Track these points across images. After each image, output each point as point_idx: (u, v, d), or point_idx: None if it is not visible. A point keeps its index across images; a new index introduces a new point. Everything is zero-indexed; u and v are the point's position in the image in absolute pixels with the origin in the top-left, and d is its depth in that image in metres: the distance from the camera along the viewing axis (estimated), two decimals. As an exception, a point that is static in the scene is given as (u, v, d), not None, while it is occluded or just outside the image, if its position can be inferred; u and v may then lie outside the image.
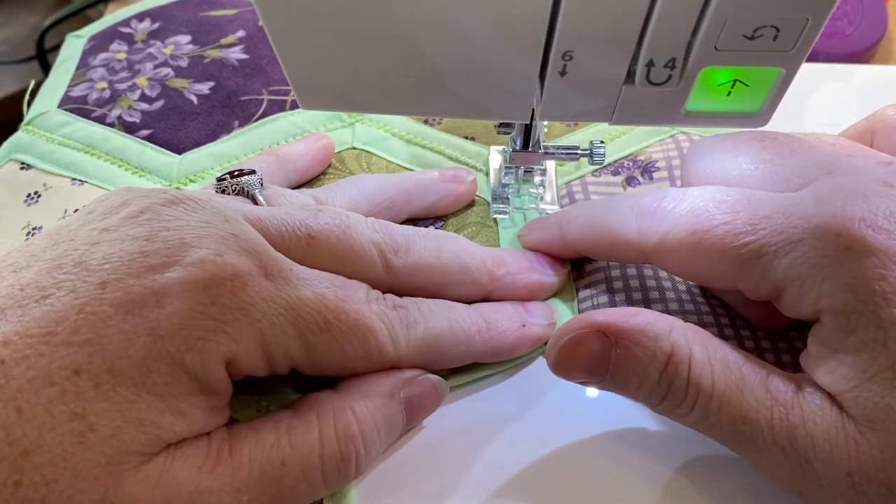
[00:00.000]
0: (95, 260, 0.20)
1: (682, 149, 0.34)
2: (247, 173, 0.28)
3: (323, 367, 0.23)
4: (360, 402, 0.23)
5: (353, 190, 0.30)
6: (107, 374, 0.19)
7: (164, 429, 0.19)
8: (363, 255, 0.25)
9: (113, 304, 0.19)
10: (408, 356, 0.24)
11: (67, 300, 0.19)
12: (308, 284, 0.23)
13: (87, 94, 0.39)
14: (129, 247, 0.20)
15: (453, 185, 0.32)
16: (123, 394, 0.19)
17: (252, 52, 0.41)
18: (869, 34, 0.42)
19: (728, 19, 0.20)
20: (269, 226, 0.23)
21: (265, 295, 0.21)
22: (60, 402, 0.18)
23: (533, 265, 0.29)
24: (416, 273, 0.26)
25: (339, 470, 0.22)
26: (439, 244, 0.27)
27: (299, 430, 0.22)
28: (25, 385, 0.18)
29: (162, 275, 0.20)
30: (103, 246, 0.20)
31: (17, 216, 0.34)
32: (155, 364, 0.19)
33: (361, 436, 0.23)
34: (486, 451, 0.25)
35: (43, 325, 0.19)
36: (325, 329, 0.22)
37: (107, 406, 0.19)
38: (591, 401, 0.27)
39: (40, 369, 0.18)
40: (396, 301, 0.25)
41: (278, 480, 0.21)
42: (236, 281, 0.21)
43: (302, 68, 0.23)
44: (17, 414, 0.18)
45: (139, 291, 0.20)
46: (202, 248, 0.21)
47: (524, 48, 0.21)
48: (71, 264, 0.20)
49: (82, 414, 0.18)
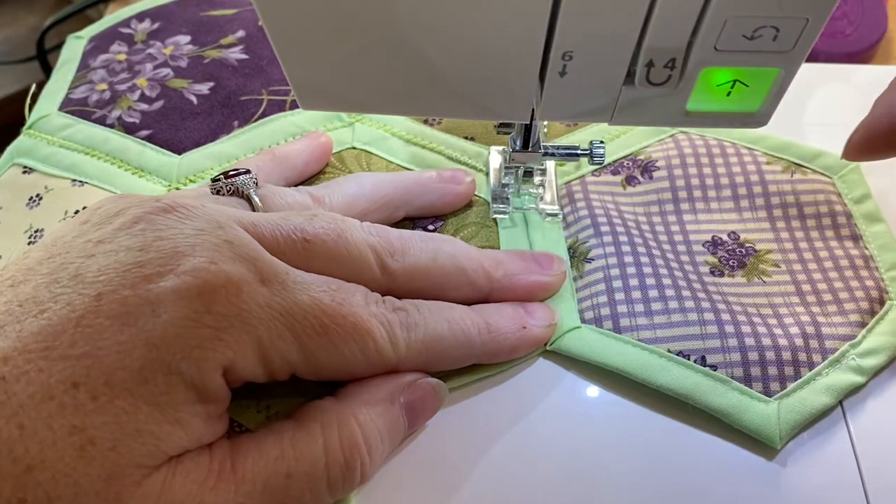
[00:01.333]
0: (91, 273, 0.20)
1: (682, 148, 0.34)
2: (242, 173, 0.27)
3: (322, 371, 0.23)
4: (363, 409, 0.23)
5: (351, 187, 0.30)
6: (104, 386, 0.19)
7: (163, 439, 0.19)
8: (359, 258, 0.25)
9: (109, 316, 0.19)
10: (408, 358, 0.24)
11: (64, 314, 0.19)
12: (304, 288, 0.22)
13: (88, 96, 0.39)
14: (124, 257, 0.20)
15: (451, 185, 0.32)
16: (121, 405, 0.19)
17: (252, 53, 0.41)
18: (869, 34, 0.42)
19: (728, 19, 0.20)
20: (263, 231, 0.23)
21: (261, 301, 0.21)
22: (60, 417, 0.18)
23: (530, 266, 0.29)
24: (413, 275, 0.26)
25: (344, 479, 0.22)
26: (435, 246, 0.27)
27: (303, 442, 0.22)
28: (26, 401, 0.18)
29: (156, 284, 0.20)
30: (99, 258, 0.20)
31: (19, 220, 0.34)
32: (151, 374, 0.19)
33: (365, 443, 0.23)
34: (484, 452, 0.25)
35: (41, 339, 0.19)
36: (323, 333, 0.22)
37: (105, 419, 0.19)
38: (591, 401, 0.27)
39: (40, 384, 0.18)
40: (395, 303, 0.25)
41: (283, 492, 0.21)
42: (231, 288, 0.21)
43: (302, 68, 0.23)
44: (19, 430, 0.18)
45: (134, 302, 0.20)
46: (195, 256, 0.21)
47: (524, 48, 0.21)
48: (67, 278, 0.20)
49: (82, 427, 0.18)
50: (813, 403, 0.25)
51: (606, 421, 0.26)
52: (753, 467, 0.25)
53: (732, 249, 0.31)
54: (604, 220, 0.31)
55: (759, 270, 0.30)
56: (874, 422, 0.26)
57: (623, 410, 0.26)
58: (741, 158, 0.33)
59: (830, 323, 0.28)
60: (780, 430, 0.25)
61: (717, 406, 0.25)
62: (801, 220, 0.31)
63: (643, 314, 0.28)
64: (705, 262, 0.30)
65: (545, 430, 0.26)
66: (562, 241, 0.31)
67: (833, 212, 0.31)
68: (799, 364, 0.26)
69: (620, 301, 0.28)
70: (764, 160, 0.33)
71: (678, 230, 0.32)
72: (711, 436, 0.26)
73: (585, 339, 0.27)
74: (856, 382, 0.26)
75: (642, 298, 0.28)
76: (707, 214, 0.32)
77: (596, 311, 0.28)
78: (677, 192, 0.33)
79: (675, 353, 0.27)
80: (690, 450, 0.25)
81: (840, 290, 0.29)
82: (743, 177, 0.33)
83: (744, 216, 0.32)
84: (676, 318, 0.28)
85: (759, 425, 0.25)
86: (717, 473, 0.25)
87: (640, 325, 0.28)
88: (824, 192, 0.32)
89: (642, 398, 0.26)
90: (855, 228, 0.31)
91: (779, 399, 0.25)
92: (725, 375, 0.26)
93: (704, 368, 0.26)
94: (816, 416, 0.25)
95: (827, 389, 0.26)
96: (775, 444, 0.25)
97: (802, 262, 0.30)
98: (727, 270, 0.30)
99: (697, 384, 0.26)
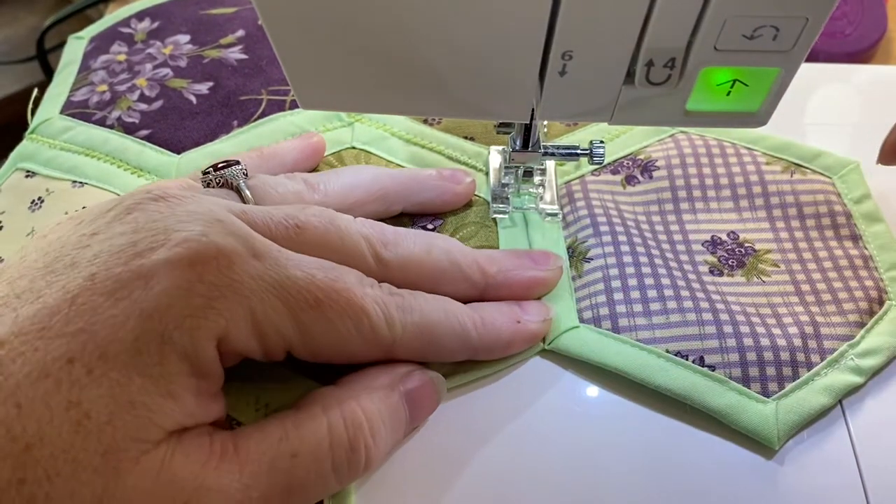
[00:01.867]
0: (86, 259, 0.20)
1: (682, 148, 0.34)
2: (230, 164, 0.27)
3: (317, 348, 0.23)
4: (363, 394, 0.23)
5: (348, 176, 0.30)
6: (99, 359, 0.19)
7: (155, 411, 0.19)
8: (352, 247, 0.25)
9: (103, 293, 0.19)
10: (403, 340, 0.24)
11: (59, 295, 0.19)
12: (297, 264, 0.22)
13: (89, 98, 0.39)
14: (118, 241, 0.21)
15: (450, 184, 0.32)
16: (115, 377, 0.19)
17: (251, 53, 0.41)
18: (869, 34, 0.42)
19: (728, 19, 0.20)
20: (254, 217, 0.23)
21: (253, 272, 0.21)
22: (56, 393, 0.18)
23: (525, 262, 0.29)
24: (406, 267, 0.26)
25: (349, 461, 0.22)
26: (429, 241, 0.27)
27: (307, 423, 0.22)
28: (22, 380, 0.18)
29: (148, 259, 0.20)
30: (93, 247, 0.21)
31: (22, 223, 0.34)
32: (145, 345, 0.19)
33: (368, 425, 0.23)
34: (483, 452, 0.25)
35: (37, 321, 0.19)
36: (316, 306, 0.22)
37: (100, 391, 0.19)
38: (589, 401, 0.27)
39: (36, 363, 0.18)
40: (392, 289, 0.25)
41: (288, 473, 0.21)
42: (222, 259, 0.21)
43: (301, 68, 0.23)
44: (17, 409, 0.18)
45: (127, 277, 0.20)
46: (186, 230, 0.21)
47: (524, 48, 0.21)
48: (63, 267, 0.20)
49: (77, 402, 0.18)
50: (811, 404, 0.25)
51: (605, 421, 0.26)
52: (753, 467, 0.25)
53: (732, 249, 0.31)
54: (603, 220, 0.31)
55: (758, 270, 0.30)
56: (874, 422, 0.26)
57: (621, 410, 0.26)
58: (741, 159, 0.33)
59: (829, 323, 0.28)
60: (778, 430, 0.25)
61: (715, 406, 0.25)
62: (800, 219, 0.31)
63: (642, 314, 0.28)
64: (704, 262, 0.30)
65: (543, 429, 0.26)
66: (561, 241, 0.31)
67: (833, 212, 0.31)
68: (797, 364, 0.26)
69: (619, 301, 0.28)
70: (763, 160, 0.33)
71: (678, 230, 0.32)
72: (710, 436, 0.25)
73: (584, 339, 0.27)
74: (854, 383, 0.26)
75: (641, 298, 0.28)
76: (706, 214, 0.32)
77: (594, 311, 0.28)
78: (677, 191, 0.33)
79: (674, 353, 0.27)
80: (689, 450, 0.25)
81: (839, 290, 0.29)
82: (742, 177, 0.33)
83: (743, 216, 0.32)
84: (675, 318, 0.28)
85: (757, 425, 0.25)
86: (715, 473, 0.25)
87: (638, 326, 0.28)
88: (824, 193, 0.32)
89: (640, 398, 0.26)
90: (854, 228, 0.31)
91: (777, 399, 0.25)
92: (723, 376, 0.26)
93: (702, 369, 0.26)
94: (815, 416, 0.25)
95: (825, 390, 0.26)
96: (773, 444, 0.25)
97: (802, 261, 0.30)
98: (726, 270, 0.30)
99: (695, 384, 0.26)
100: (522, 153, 0.30)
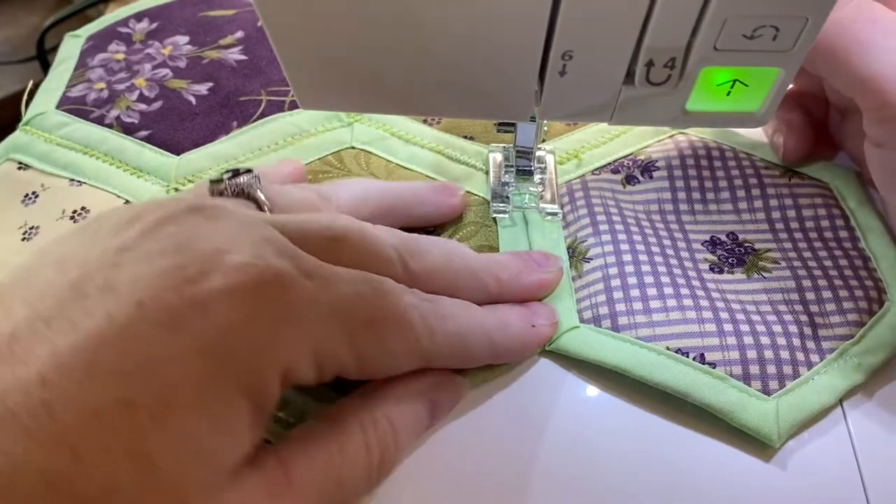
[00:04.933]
0: (124, 282, 0.18)
1: (682, 149, 0.34)
2: (243, 173, 0.26)
3: (366, 367, 0.22)
4: (394, 408, 0.23)
5: (357, 188, 0.30)
6: (162, 403, 0.17)
7: (220, 452, 0.18)
8: (385, 256, 0.24)
9: (155, 324, 0.17)
10: (436, 350, 0.24)
11: (104, 326, 0.17)
12: (343, 280, 0.22)
13: (86, 95, 0.39)
14: (159, 261, 0.18)
15: (445, 198, 0.32)
16: (181, 424, 0.17)
17: (251, 53, 0.41)
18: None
19: (727, 19, 0.20)
20: (291, 230, 0.22)
21: (309, 296, 0.20)
22: (115, 441, 0.16)
23: (529, 264, 0.29)
24: (431, 276, 0.26)
25: (378, 478, 0.22)
26: (447, 249, 0.27)
27: (349, 446, 0.21)
28: (75, 426, 0.16)
29: (202, 285, 0.18)
30: (127, 267, 0.18)
31: (14, 216, 0.34)
32: (210, 387, 0.18)
33: (395, 444, 0.23)
34: (484, 452, 0.25)
35: (80, 356, 0.17)
36: (370, 326, 0.22)
37: (166, 439, 0.17)
38: (591, 401, 0.27)
39: (88, 406, 0.16)
40: (425, 295, 0.25)
41: (332, 499, 0.21)
42: (281, 283, 0.19)
43: (302, 68, 0.23)
44: (74, 458, 0.16)
45: (180, 305, 0.18)
46: (237, 252, 0.19)
47: (524, 48, 0.21)
48: (97, 291, 0.18)
49: (142, 451, 0.16)
50: (811, 402, 0.25)
51: (606, 421, 0.26)
52: (753, 466, 0.25)
53: (732, 249, 0.31)
54: (603, 220, 0.31)
55: (758, 267, 0.30)
56: (874, 421, 0.26)
57: (623, 410, 0.26)
58: (740, 162, 0.33)
59: (829, 323, 0.28)
60: (778, 428, 0.25)
61: (716, 404, 0.25)
62: (799, 221, 0.31)
63: (641, 312, 0.28)
64: (704, 260, 0.30)
65: (545, 429, 0.26)
66: (561, 241, 0.31)
67: (832, 215, 0.31)
68: (797, 363, 0.26)
69: (619, 300, 0.28)
70: (762, 165, 0.33)
71: (678, 229, 0.32)
72: (711, 434, 0.26)
73: (584, 339, 0.27)
74: (854, 382, 0.26)
75: (640, 297, 0.28)
76: (706, 216, 0.32)
77: (594, 311, 0.28)
78: (676, 192, 0.33)
79: (674, 350, 0.27)
80: (689, 450, 0.25)
81: (839, 289, 0.29)
82: (741, 180, 0.33)
83: (742, 218, 0.32)
84: (675, 315, 0.28)
85: (757, 423, 0.25)
86: (716, 471, 0.25)
87: (638, 324, 0.28)
88: (822, 196, 0.32)
89: (642, 398, 0.26)
90: (854, 231, 0.31)
91: (777, 398, 0.25)
92: (724, 373, 0.26)
93: (703, 366, 0.26)
94: (815, 415, 0.25)
95: (826, 389, 0.26)
96: (774, 442, 0.25)
97: (802, 260, 0.30)
98: (726, 267, 0.30)
99: (695, 381, 0.26)
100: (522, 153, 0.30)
